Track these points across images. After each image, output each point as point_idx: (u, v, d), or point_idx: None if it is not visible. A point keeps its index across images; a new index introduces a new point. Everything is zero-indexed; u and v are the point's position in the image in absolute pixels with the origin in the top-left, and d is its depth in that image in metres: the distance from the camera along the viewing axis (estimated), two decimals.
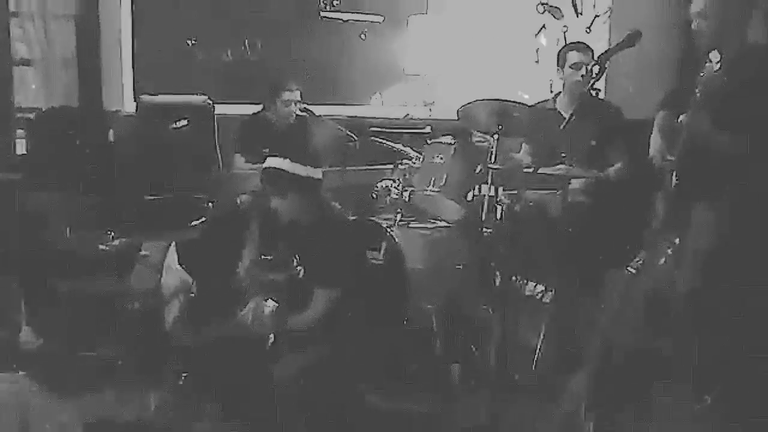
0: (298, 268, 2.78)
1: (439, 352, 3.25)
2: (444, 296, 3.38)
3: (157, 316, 3.69)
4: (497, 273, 3.44)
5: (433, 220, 3.60)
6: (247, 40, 5.05)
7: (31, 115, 4.86)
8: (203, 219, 3.47)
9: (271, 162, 2.79)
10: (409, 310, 3.31)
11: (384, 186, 3.65)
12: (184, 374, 3.45)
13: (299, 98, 4.38)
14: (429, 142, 3.55)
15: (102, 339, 3.59)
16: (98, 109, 5.01)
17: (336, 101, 5.23)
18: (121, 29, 4.86)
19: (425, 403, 3.10)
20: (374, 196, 3.78)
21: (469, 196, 3.40)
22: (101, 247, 3.97)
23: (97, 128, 4.89)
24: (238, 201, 3.45)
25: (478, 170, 3.37)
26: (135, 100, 4.72)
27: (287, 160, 2.74)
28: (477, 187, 3.43)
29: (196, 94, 4.60)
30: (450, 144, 3.42)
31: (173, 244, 4.07)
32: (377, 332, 3.17)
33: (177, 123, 4.48)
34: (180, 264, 4.04)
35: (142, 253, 3.97)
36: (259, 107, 4.54)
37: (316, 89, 4.83)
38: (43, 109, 4.97)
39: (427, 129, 4.62)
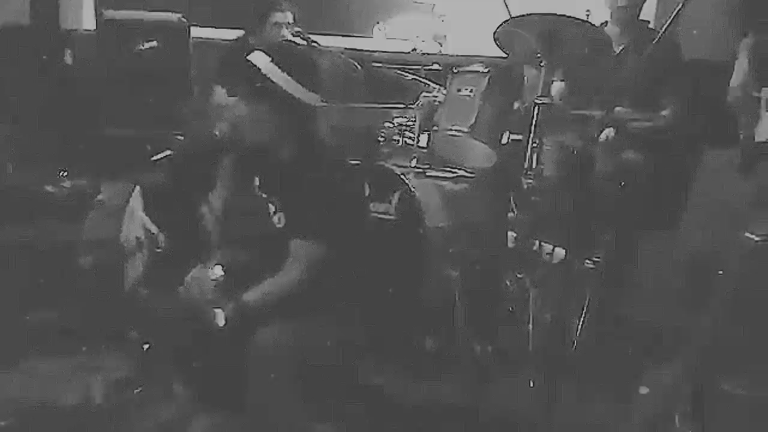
0: (278, 216, 2.12)
1: (462, 327, 2.63)
2: (469, 261, 2.74)
3: (115, 273, 3.07)
4: (534, 236, 2.81)
5: (456, 168, 2.94)
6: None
7: None
8: (168, 153, 2.78)
9: (256, 58, 2.06)
10: (427, 277, 2.68)
11: (396, 124, 2.97)
12: (146, 345, 2.88)
13: (292, 21, 3.68)
14: (456, 71, 2.86)
15: (43, 299, 2.94)
16: (54, 27, 4.26)
17: (332, 31, 4.51)
18: None
19: (446, 389, 2.53)
20: (382, 137, 3.09)
21: (504, 139, 2.73)
22: (48, 188, 3.29)
23: (52, 49, 4.16)
24: (216, 132, 2.78)
25: (516, 107, 2.71)
26: (96, 16, 3.97)
27: (276, 67, 2.01)
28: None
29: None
30: (482, 74, 2.74)
31: (138, 187, 3.43)
32: (385, 302, 2.53)
33: (145, 44, 3.77)
34: (146, 212, 3.39)
35: (99, 197, 3.31)
36: (241, 32, 3.83)
37: (309, 16, 4.11)
38: None
39: (435, 66, 3.93)
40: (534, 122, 2.56)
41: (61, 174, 3.47)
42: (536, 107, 2.51)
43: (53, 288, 2.93)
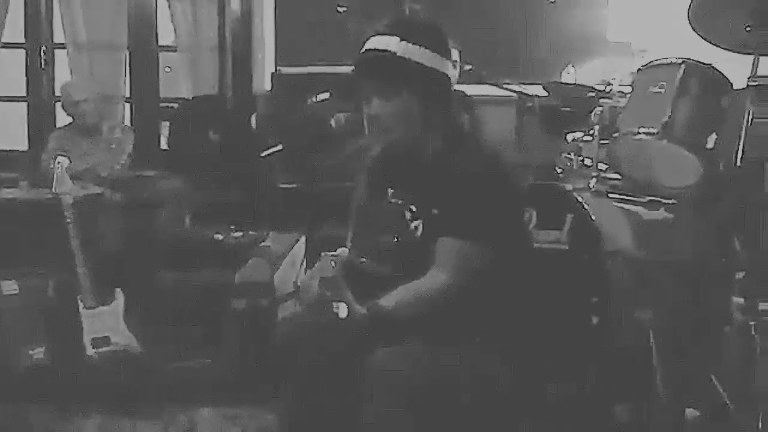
0: (415, 223, 1.76)
1: (661, 388, 2.01)
2: (668, 304, 2.14)
3: (268, 318, 2.91)
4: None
5: (647, 191, 2.36)
6: (407, 2, 4.20)
7: (175, 105, 4.48)
8: (280, 148, 2.59)
9: (376, 42, 1.79)
10: (610, 322, 2.12)
11: (570, 141, 2.50)
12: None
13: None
14: (642, 67, 2.36)
15: (202, 345, 2.85)
16: (245, 94, 4.48)
17: (518, 78, 4.19)
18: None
19: None
20: (559, 169, 2.64)
21: (710, 142, 2.15)
22: (216, 236, 3.28)
23: (239, 114, 4.35)
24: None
25: (725, 104, 2.13)
26: (273, 74, 4.08)
27: (402, 42, 1.73)
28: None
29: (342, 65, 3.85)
30: (677, 65, 2.21)
31: (304, 238, 3.33)
32: (555, 349, 2.00)
33: (318, 96, 3.74)
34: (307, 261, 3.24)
35: (264, 244, 3.24)
36: None
37: (491, 63, 3.85)
38: (189, 98, 4.57)
39: None
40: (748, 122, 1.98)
41: (232, 230, 3.47)
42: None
43: (208, 331, 2.83)
